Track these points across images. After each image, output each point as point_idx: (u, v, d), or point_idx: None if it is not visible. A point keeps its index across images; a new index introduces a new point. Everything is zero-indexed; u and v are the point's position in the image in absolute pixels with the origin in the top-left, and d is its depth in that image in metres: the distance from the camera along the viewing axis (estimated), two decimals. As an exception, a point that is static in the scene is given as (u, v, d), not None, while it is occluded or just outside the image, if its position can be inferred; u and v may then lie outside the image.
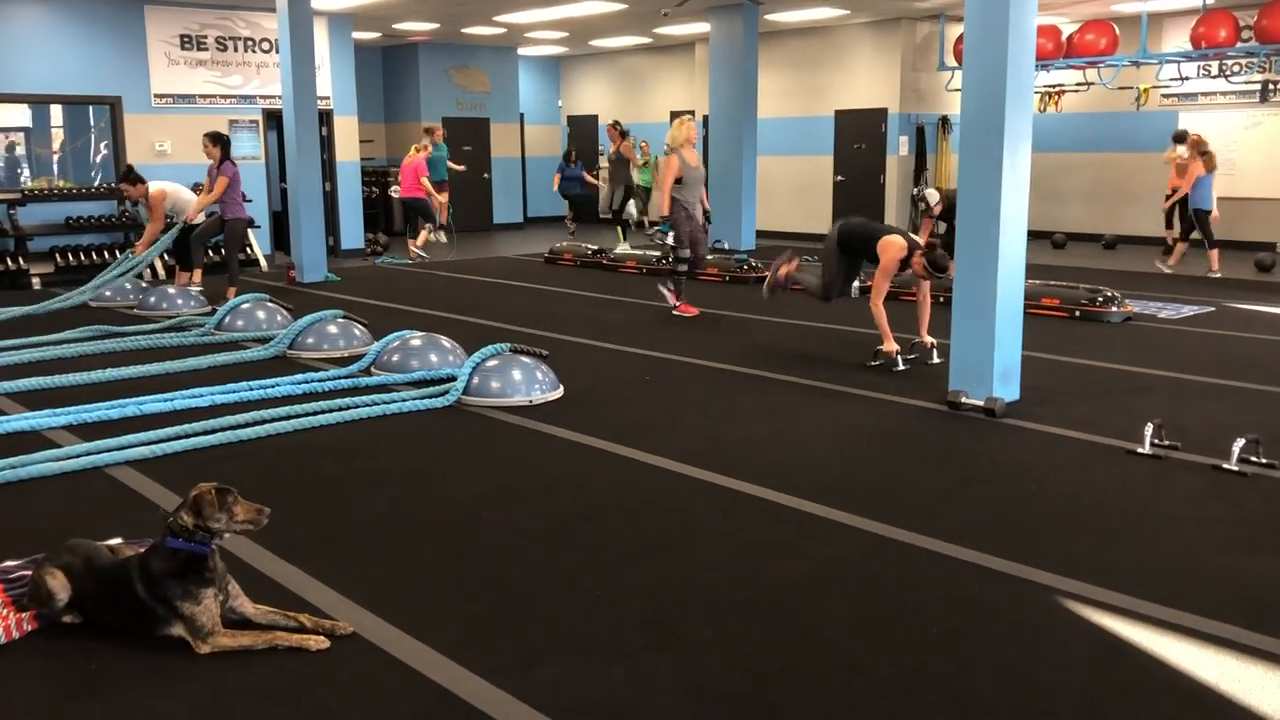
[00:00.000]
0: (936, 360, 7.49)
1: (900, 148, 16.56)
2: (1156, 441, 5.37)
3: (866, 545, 4.24)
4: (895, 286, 9.13)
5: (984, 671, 3.19)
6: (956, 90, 16.24)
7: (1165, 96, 15.33)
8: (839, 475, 5.16)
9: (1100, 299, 9.50)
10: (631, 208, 16.30)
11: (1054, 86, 15.61)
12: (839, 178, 17.05)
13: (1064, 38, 14.57)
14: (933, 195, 9.89)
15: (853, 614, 3.60)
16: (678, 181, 9.71)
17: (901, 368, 7.38)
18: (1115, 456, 5.38)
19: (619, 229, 16.02)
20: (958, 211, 6.43)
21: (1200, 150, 12.41)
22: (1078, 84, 15.19)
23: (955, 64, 15.54)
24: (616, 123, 16.06)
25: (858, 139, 16.67)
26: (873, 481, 5.07)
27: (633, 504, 4.75)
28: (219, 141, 10.51)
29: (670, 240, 9.89)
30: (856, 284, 9.46)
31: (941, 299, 8.79)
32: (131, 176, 11.12)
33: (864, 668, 3.21)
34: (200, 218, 10.87)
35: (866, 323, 7.86)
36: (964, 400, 6.29)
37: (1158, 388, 6.90)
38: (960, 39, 15.12)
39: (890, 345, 7.42)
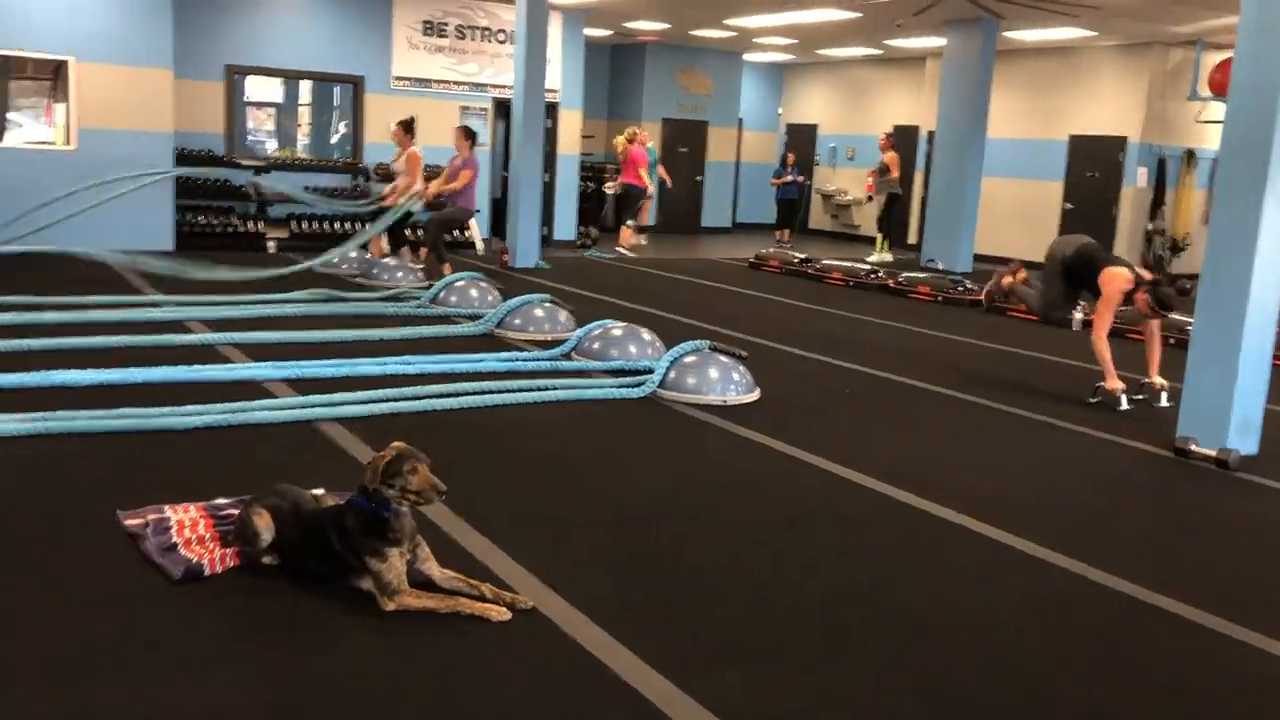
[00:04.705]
0: (1166, 404, 6.95)
1: (1138, 179, 15.62)
2: None
3: (1068, 584, 3.95)
4: (1122, 323, 8.58)
5: (1201, 740, 2.90)
6: (1207, 122, 15.22)
7: None
8: (1045, 509, 4.84)
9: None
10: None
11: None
12: (1068, 205, 16.22)
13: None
14: None
15: (1046, 651, 3.37)
16: None
17: (1125, 407, 6.89)
18: (1367, 527, 4.86)
19: (879, 237, 16.44)
20: (1207, 247, 5.94)
21: None
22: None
23: (1209, 94, 14.54)
24: (889, 134, 16.61)
25: (1092, 166, 15.84)
26: (1082, 520, 4.74)
27: (822, 514, 4.60)
28: (470, 136, 10.93)
29: None
30: (1079, 315, 8.92)
31: (1172, 340, 8.20)
32: (411, 126, 11.36)
33: (1058, 706, 2.97)
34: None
35: (1089, 357, 7.40)
36: (1193, 448, 5.81)
37: None
38: (1218, 67, 14.19)
39: (1114, 383, 6.95)
